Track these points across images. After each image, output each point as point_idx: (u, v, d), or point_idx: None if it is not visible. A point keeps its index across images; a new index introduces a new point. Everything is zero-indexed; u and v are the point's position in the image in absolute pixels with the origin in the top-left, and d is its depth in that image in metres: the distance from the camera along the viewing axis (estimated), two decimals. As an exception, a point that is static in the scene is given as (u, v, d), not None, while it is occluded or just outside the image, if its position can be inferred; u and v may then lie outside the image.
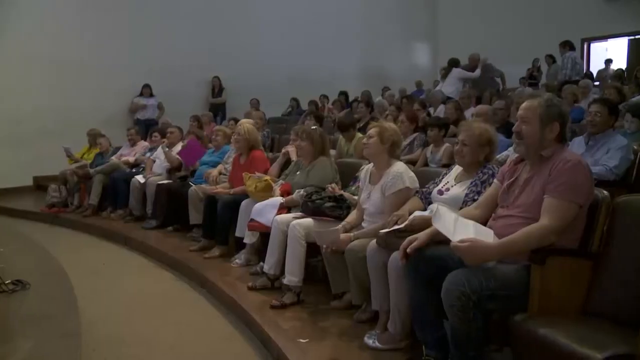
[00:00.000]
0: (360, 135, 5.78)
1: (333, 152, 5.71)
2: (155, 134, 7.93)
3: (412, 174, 3.66)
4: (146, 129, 9.69)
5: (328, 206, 4.10)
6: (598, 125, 4.37)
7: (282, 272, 4.12)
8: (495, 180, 3.01)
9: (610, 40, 13.95)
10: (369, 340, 3.25)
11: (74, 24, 10.46)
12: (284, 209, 4.48)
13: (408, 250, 2.76)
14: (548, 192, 2.56)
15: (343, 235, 3.61)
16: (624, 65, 12.79)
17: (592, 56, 14.00)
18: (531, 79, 12.48)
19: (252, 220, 4.55)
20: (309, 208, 4.15)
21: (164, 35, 11.39)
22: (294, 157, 5.28)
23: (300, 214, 4.25)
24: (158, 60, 11.26)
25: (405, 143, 5.83)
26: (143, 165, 7.67)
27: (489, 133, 3.35)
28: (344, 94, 12.00)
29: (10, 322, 3.64)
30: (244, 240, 4.98)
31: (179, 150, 7.11)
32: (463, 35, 14.54)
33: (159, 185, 6.77)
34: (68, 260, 5.51)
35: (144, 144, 8.30)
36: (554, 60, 11.01)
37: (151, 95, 11.34)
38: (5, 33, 9.80)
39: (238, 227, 5.10)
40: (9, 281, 3.96)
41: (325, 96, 11.95)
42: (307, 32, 13.41)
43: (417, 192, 3.56)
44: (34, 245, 6.09)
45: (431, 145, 5.63)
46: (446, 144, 5.36)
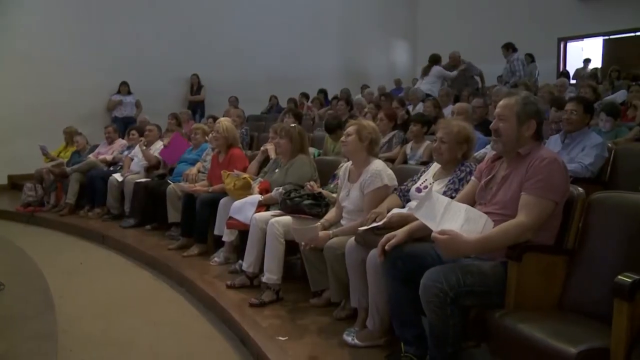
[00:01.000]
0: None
1: (312, 150, 5.71)
2: (133, 132, 7.86)
3: (391, 172, 3.68)
4: (124, 126, 9.61)
5: (307, 204, 4.09)
6: (574, 123, 4.42)
7: (261, 270, 4.10)
8: (472, 177, 3.02)
9: (586, 40, 14.12)
10: (348, 338, 3.25)
11: (50, 20, 10.34)
12: (263, 206, 4.48)
13: (386, 247, 2.77)
14: (525, 190, 2.59)
15: (321, 233, 3.61)
16: (599, 65, 13.00)
17: (569, 55, 14.16)
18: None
19: (231, 218, 4.54)
20: (288, 206, 4.14)
21: (142, 32, 11.28)
22: (272, 155, 5.27)
23: (279, 211, 4.24)
24: (136, 57, 11.15)
25: (383, 141, 5.86)
26: (121, 163, 7.61)
27: (466, 130, 3.37)
28: (323, 92, 12.01)
29: (-16, 324, 3.60)
30: (223, 239, 4.96)
31: (161, 149, 7.06)
32: (442, 34, 14.60)
33: (136, 183, 6.72)
34: (44, 260, 5.48)
35: (121, 142, 8.22)
36: (533, 59, 11.09)
37: (129, 92, 11.22)
38: (-21, 31, 9.67)
39: (217, 225, 5.08)
40: (-16, 282, 3.91)
41: (305, 94, 11.93)
42: (287, 30, 13.37)
43: (396, 190, 3.58)
44: (9, 245, 6.03)
45: (411, 142, 5.65)
46: (427, 142, 5.38)
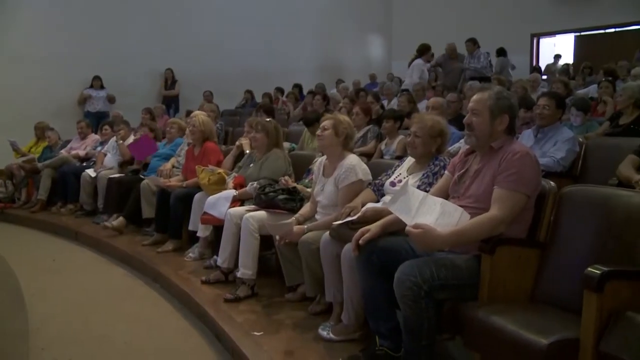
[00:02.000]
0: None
1: (286, 145, 5.70)
2: (106, 127, 7.80)
3: (365, 167, 3.69)
4: (97, 121, 9.49)
5: (281, 199, 4.08)
6: (546, 118, 4.47)
7: (236, 266, 4.09)
8: (446, 171, 3.04)
9: (558, 36, 14.31)
10: (323, 332, 3.26)
11: (20, 14, 10.18)
12: (237, 201, 4.46)
13: (360, 241, 2.77)
14: (497, 183, 2.61)
15: (296, 228, 3.61)
16: (570, 60, 13.19)
17: (541, 51, 14.34)
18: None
19: (205, 213, 4.52)
20: (262, 201, 4.13)
21: (116, 26, 11.16)
22: (247, 150, 5.25)
23: (253, 206, 4.23)
24: (109, 51, 11.04)
25: (358, 135, 5.86)
26: (94, 159, 7.52)
27: (440, 125, 3.39)
28: (298, 86, 12.00)
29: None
30: (197, 234, 4.95)
31: (129, 144, 7.00)
32: (416, 29, 14.64)
33: (110, 179, 6.64)
34: (15, 257, 5.41)
35: (94, 137, 8.14)
36: (504, 54, 11.18)
37: (102, 87, 11.11)
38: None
39: (191, 221, 5.07)
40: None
41: (280, 89, 11.91)
42: (262, 24, 13.30)
43: (370, 184, 3.59)
44: (-22, 243, 5.93)
45: (387, 138, 5.66)
46: (400, 136, 5.40)
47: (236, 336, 3.36)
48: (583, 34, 13.73)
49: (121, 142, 7.08)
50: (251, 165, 4.84)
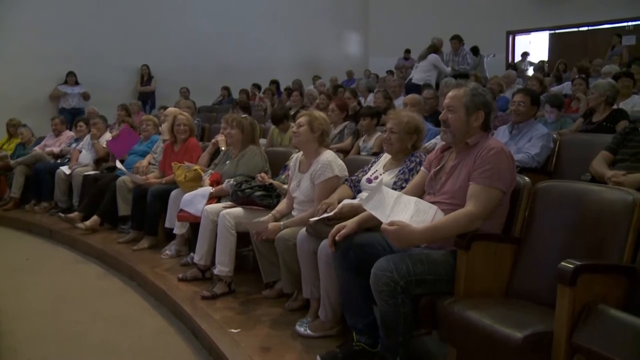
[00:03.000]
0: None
1: (263, 142, 5.68)
2: (81, 123, 7.69)
3: (341, 163, 3.70)
4: (72, 118, 9.35)
5: (258, 195, 4.07)
6: (522, 114, 4.51)
7: (213, 263, 4.08)
8: (422, 168, 3.06)
9: (533, 34, 14.48)
10: (301, 328, 3.26)
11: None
12: (214, 198, 4.44)
13: (337, 237, 2.78)
14: (473, 179, 2.63)
15: (272, 224, 3.60)
16: (545, 57, 13.36)
17: (517, 48, 14.48)
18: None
19: (182, 210, 4.49)
20: (239, 197, 4.11)
21: (91, 22, 10.98)
22: (223, 147, 5.23)
23: (230, 203, 4.21)
24: (84, 47, 10.87)
25: (335, 132, 5.88)
26: (68, 156, 7.42)
27: (416, 121, 3.41)
28: (275, 83, 11.97)
29: None
30: (174, 231, 4.91)
31: (109, 141, 6.92)
32: (393, 26, 14.74)
33: (85, 176, 6.57)
34: (-13, 256, 5.32)
35: (69, 134, 8.03)
36: (478, 52, 11.26)
37: (76, 83, 10.93)
38: None
39: (168, 218, 5.03)
40: None
41: (257, 85, 11.87)
42: (239, 21, 13.24)
43: (346, 180, 3.60)
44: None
45: (365, 134, 5.67)
46: (378, 133, 5.41)
47: (213, 333, 3.35)
48: (557, 31, 13.91)
49: (96, 142, 6.99)
50: (227, 162, 4.81)
